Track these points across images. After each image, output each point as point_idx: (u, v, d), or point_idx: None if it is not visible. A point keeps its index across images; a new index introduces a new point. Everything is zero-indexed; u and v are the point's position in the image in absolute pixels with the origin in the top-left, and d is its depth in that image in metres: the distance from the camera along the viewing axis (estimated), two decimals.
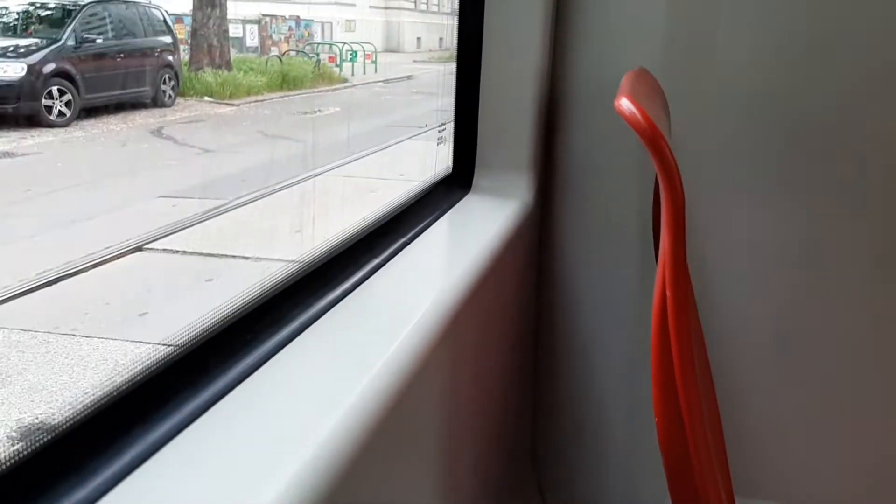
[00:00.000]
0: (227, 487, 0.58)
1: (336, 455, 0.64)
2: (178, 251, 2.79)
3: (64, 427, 0.60)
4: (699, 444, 0.83)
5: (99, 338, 2.21)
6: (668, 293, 0.83)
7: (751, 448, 1.61)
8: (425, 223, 1.26)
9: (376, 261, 1.06)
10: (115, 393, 0.65)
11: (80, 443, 0.61)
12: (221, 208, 3.07)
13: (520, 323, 1.53)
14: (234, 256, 2.82)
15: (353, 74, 4.04)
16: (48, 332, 2.18)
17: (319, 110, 3.88)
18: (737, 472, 1.37)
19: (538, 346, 1.62)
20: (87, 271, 2.38)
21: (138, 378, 0.68)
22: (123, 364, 0.68)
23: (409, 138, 3.71)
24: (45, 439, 0.59)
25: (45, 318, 2.23)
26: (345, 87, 4.01)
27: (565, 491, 1.69)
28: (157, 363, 0.71)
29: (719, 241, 1.54)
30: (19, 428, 1.65)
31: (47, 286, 2.24)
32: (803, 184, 1.49)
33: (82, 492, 0.56)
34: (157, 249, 2.71)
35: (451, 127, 1.48)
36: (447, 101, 1.52)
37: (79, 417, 0.62)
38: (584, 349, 1.60)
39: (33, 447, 0.58)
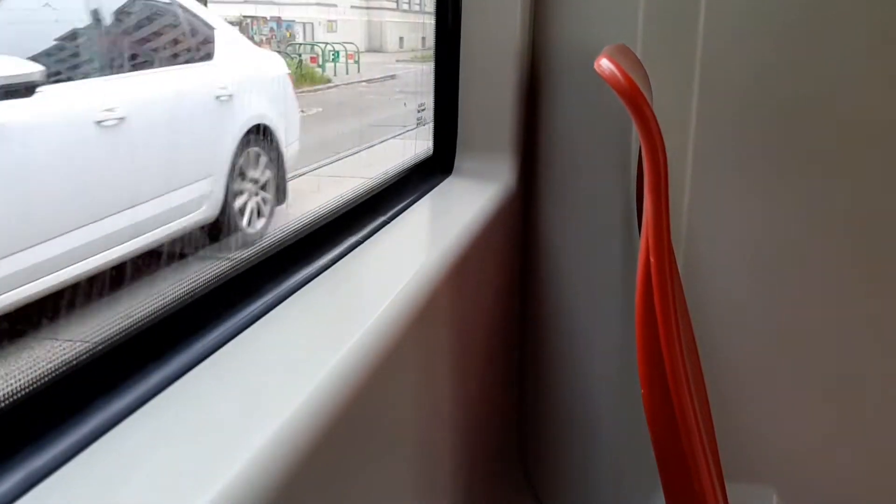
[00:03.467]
0: (192, 460, 0.56)
1: (304, 434, 0.61)
2: None
3: (29, 391, 0.58)
4: (686, 412, 0.81)
5: None
6: (651, 259, 0.81)
7: (740, 432, 1.59)
8: (404, 205, 1.24)
9: (353, 239, 1.05)
10: (81, 359, 0.63)
11: (41, 411, 0.58)
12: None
13: (503, 306, 1.51)
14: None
15: (335, 75, 4.02)
16: None
17: (302, 111, 3.86)
18: (726, 455, 1.36)
19: (523, 328, 1.61)
20: None
21: (104, 346, 0.66)
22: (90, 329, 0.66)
23: (394, 137, 3.69)
24: (9, 402, 0.57)
25: None
26: (327, 88, 3.98)
27: (553, 477, 1.67)
28: (130, 328, 0.69)
29: (705, 227, 1.53)
30: None
31: None
32: (792, 167, 1.48)
33: (40, 461, 0.54)
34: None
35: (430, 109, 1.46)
36: (431, 100, 1.50)
37: (40, 385, 0.59)
38: (569, 332, 1.58)
39: None
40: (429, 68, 1.47)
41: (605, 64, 0.79)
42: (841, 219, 1.49)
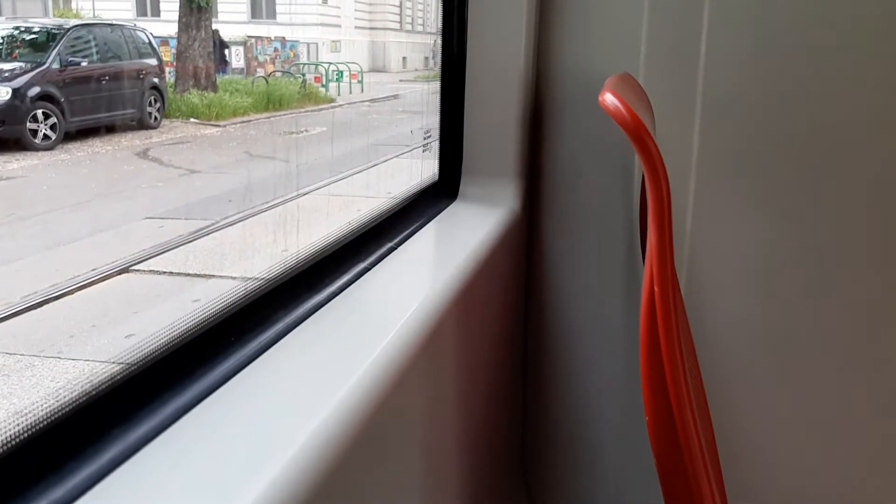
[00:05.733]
0: (207, 489, 0.57)
1: (317, 459, 0.63)
2: (164, 272, 2.78)
3: (43, 425, 0.59)
4: (690, 439, 0.83)
5: (85, 360, 2.19)
6: (655, 289, 0.83)
7: (743, 450, 1.60)
8: (410, 230, 1.25)
9: (362, 265, 1.06)
10: (95, 391, 0.64)
11: (60, 441, 0.59)
12: (208, 229, 3.07)
13: (508, 329, 1.52)
14: (220, 276, 2.80)
15: (339, 94, 4.06)
16: (34, 356, 2.15)
17: (306, 130, 3.89)
18: (729, 473, 1.36)
19: (527, 352, 1.62)
20: (72, 294, 2.36)
21: (120, 376, 0.67)
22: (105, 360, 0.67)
23: (396, 156, 3.72)
24: (24, 437, 0.58)
25: (31, 341, 2.21)
26: (331, 107, 4.02)
27: (555, 495, 1.68)
28: (140, 361, 0.70)
29: (707, 247, 1.54)
30: None
31: (32, 309, 2.22)
32: (793, 191, 1.49)
33: (60, 490, 0.55)
34: (144, 271, 2.70)
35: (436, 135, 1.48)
36: (433, 120, 1.52)
37: (59, 415, 0.61)
38: (572, 355, 1.59)
39: (12, 445, 0.57)
40: (431, 88, 1.49)
41: (609, 99, 0.80)
42: (842, 244, 1.50)
